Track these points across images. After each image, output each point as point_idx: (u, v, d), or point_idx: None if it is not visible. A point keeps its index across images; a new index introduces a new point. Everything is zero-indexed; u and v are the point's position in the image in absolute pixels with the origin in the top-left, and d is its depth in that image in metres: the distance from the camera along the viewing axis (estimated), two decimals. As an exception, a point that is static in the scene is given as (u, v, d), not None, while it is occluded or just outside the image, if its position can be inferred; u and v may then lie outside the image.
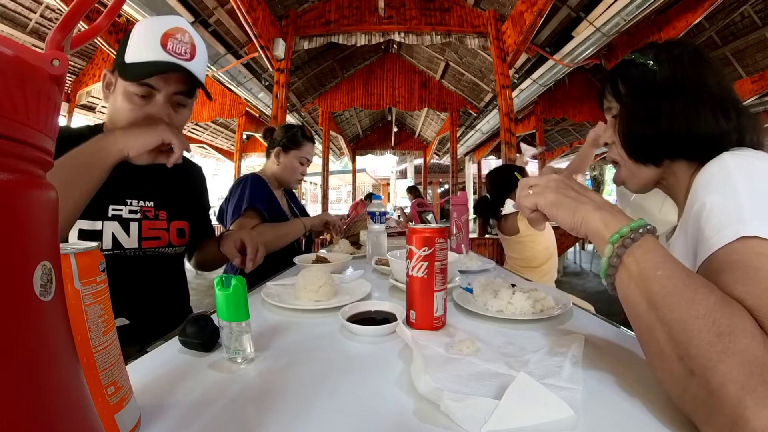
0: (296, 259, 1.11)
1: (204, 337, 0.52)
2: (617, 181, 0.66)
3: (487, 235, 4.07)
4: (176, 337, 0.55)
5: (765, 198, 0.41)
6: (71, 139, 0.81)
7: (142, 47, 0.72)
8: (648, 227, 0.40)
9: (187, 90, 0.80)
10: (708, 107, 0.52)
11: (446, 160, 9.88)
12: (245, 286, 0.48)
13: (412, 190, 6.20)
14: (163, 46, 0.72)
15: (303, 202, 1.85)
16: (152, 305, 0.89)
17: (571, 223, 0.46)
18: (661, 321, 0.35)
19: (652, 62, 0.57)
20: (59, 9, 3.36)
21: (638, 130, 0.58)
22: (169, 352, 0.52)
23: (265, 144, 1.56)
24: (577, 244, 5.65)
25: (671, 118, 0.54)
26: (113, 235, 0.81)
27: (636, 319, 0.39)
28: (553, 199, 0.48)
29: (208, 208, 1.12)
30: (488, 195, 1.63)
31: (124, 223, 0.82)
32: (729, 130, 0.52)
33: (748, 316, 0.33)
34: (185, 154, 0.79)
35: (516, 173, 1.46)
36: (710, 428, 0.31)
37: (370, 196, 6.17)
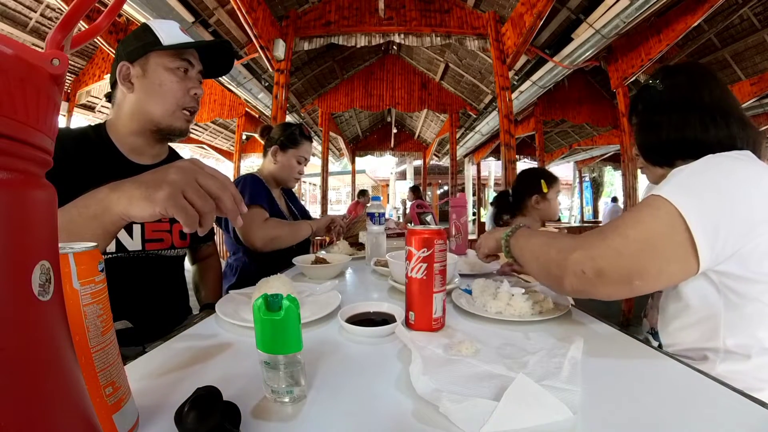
0: (295, 260, 1.10)
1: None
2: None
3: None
4: (176, 339, 0.55)
5: (691, 179, 0.55)
6: (73, 140, 0.81)
7: (173, 35, 0.86)
8: (519, 226, 0.76)
9: (203, 70, 0.94)
10: (697, 118, 0.65)
11: (445, 162, 9.88)
12: (298, 306, 0.39)
13: (414, 191, 6.22)
14: (185, 34, 0.88)
15: (302, 202, 1.82)
16: (153, 308, 0.89)
17: (493, 241, 0.82)
18: (535, 256, 0.66)
19: (659, 84, 0.71)
20: (59, 8, 3.36)
21: (646, 139, 0.73)
22: (167, 352, 0.52)
23: (262, 143, 1.54)
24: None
25: (668, 128, 0.68)
26: (117, 237, 0.81)
27: (527, 262, 0.70)
28: (483, 241, 0.86)
29: None
30: (510, 191, 1.62)
31: (128, 225, 0.82)
32: (719, 137, 0.62)
33: (562, 249, 0.59)
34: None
35: (543, 180, 1.43)
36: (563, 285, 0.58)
37: (362, 193, 6.17)
